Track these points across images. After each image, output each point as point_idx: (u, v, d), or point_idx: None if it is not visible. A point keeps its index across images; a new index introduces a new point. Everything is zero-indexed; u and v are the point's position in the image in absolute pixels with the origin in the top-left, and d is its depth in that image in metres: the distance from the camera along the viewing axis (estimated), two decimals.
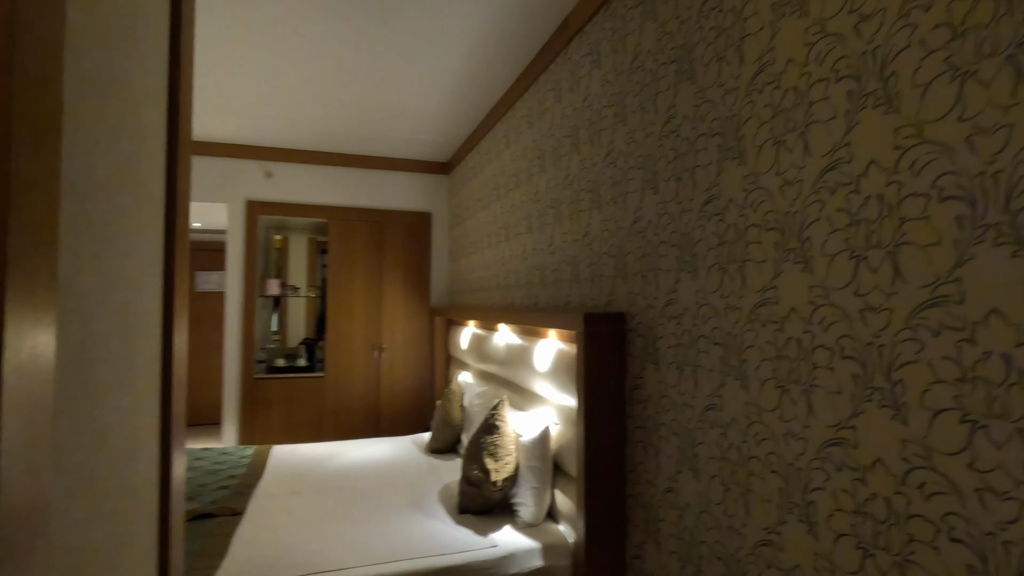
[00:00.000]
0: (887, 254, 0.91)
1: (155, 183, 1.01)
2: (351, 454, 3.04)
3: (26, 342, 0.52)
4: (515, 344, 2.50)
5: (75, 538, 0.70)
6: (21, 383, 0.52)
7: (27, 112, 0.53)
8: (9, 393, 0.50)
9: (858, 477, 0.95)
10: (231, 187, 3.98)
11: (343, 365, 4.13)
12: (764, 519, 1.16)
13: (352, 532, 1.97)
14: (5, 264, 0.50)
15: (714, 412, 1.32)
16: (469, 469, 2.13)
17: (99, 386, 0.76)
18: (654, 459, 1.57)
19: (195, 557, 1.77)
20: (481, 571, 1.78)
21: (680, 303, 1.46)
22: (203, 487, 2.46)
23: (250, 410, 3.92)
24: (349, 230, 4.21)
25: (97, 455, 0.76)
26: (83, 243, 0.69)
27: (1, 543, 0.49)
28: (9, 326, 0.50)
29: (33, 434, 0.54)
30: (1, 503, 0.49)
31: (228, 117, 3.40)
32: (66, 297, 0.65)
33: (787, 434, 1.10)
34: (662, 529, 1.53)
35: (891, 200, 0.91)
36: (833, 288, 1.01)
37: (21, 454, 0.52)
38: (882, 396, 0.91)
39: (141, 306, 0.94)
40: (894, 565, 0.89)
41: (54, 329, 0.57)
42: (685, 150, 1.46)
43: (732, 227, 1.28)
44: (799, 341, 1.08)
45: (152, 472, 1.01)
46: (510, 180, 2.96)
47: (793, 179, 1.10)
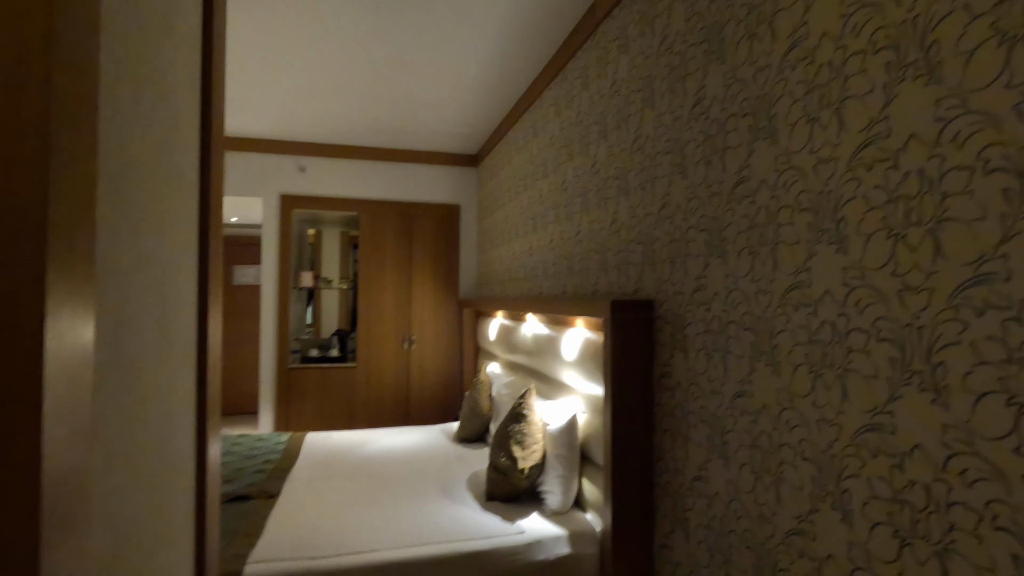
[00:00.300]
0: (927, 231, 0.87)
1: (189, 169, 1.04)
2: (381, 442, 3.09)
3: (66, 310, 0.54)
4: (542, 334, 2.50)
5: (115, 505, 0.73)
6: (62, 349, 0.54)
7: (65, 89, 0.55)
8: (51, 358, 0.52)
9: (895, 464, 0.92)
10: (266, 182, 4.08)
11: (374, 356, 4.20)
12: (796, 507, 1.13)
13: (381, 516, 2.01)
14: (46, 235, 0.52)
15: (744, 399, 1.29)
16: (496, 457, 2.14)
17: (135, 360, 0.79)
18: (682, 447, 1.55)
19: (232, 536, 1.83)
20: (508, 557, 1.79)
21: (709, 288, 1.43)
22: (240, 471, 2.54)
23: (285, 399, 4.03)
24: (380, 223, 4.27)
25: (135, 426, 0.79)
26: (119, 221, 0.72)
27: (45, 503, 0.52)
28: (51, 294, 0.52)
29: (74, 400, 0.56)
30: (44, 464, 0.52)
31: (262, 113, 3.49)
32: (104, 272, 0.68)
33: (820, 420, 1.07)
34: (690, 518, 1.50)
35: (932, 175, 0.87)
36: (869, 268, 0.97)
37: (63, 417, 0.54)
38: (921, 380, 0.88)
39: (176, 287, 0.97)
40: (933, 555, 0.85)
41: (93, 301, 0.60)
42: (715, 132, 1.43)
43: (763, 209, 1.24)
44: (833, 324, 1.05)
45: (188, 447, 1.05)
46: (537, 170, 2.95)
47: (827, 157, 1.07)
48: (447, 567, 1.73)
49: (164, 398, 0.92)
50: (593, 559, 1.86)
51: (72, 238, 0.57)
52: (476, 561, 1.76)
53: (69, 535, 0.56)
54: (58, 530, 0.54)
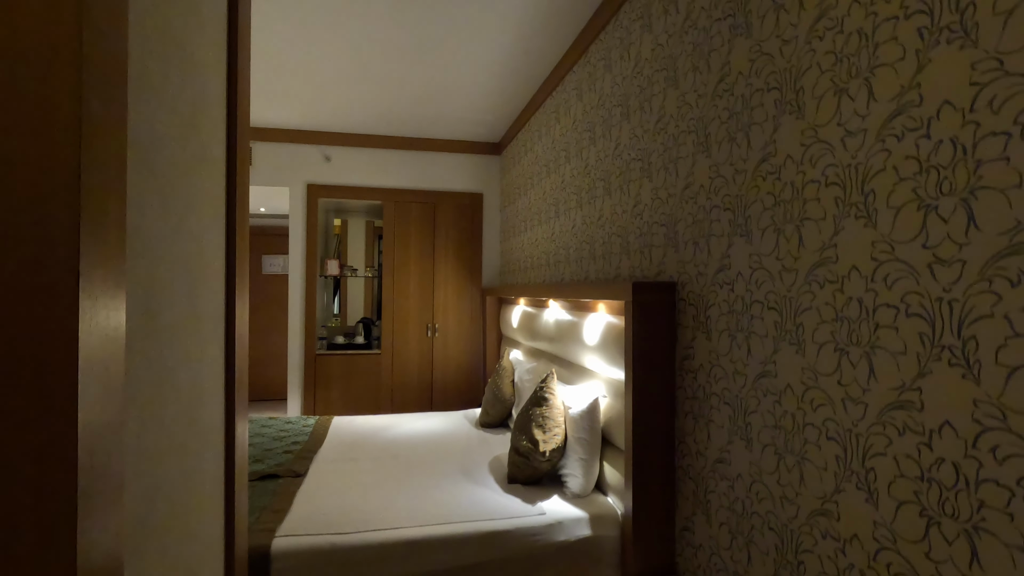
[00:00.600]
0: (960, 201, 0.84)
1: (216, 147, 1.07)
2: (405, 426, 3.14)
3: (98, 272, 0.56)
4: (564, 320, 2.50)
5: (148, 466, 0.76)
6: (95, 309, 0.56)
7: (95, 58, 0.57)
8: (85, 316, 0.54)
9: (923, 441, 0.89)
10: (292, 171, 4.16)
11: (398, 343, 4.26)
12: (820, 488, 1.11)
13: (405, 496, 2.04)
14: (79, 199, 0.54)
15: (768, 379, 1.27)
16: (518, 440, 2.16)
17: (166, 329, 0.82)
18: (704, 430, 1.53)
19: (261, 511, 1.89)
20: (529, 537, 1.80)
21: (733, 268, 1.41)
22: (269, 451, 2.61)
23: (312, 384, 4.12)
24: (403, 212, 4.31)
25: (166, 393, 0.82)
26: (148, 192, 0.75)
27: (81, 453, 0.54)
28: (84, 257, 0.55)
29: (107, 359, 0.58)
30: (81, 416, 0.54)
31: (288, 103, 3.54)
32: (135, 241, 0.70)
33: (846, 399, 1.05)
34: (712, 500, 1.49)
35: (966, 142, 0.84)
36: (899, 242, 0.94)
37: (96, 375, 0.57)
38: (952, 354, 0.85)
39: (205, 261, 1.00)
40: (962, 533, 0.83)
41: (125, 267, 0.62)
42: (739, 109, 1.40)
43: (789, 185, 1.21)
44: (860, 301, 1.02)
45: (218, 419, 1.08)
46: (560, 155, 2.93)
47: (856, 129, 1.04)
48: (468, 545, 1.75)
49: (194, 368, 0.95)
50: (614, 541, 1.86)
51: (104, 203, 0.59)
52: (497, 540, 1.78)
53: (105, 485, 0.58)
54: (94, 480, 0.56)
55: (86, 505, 0.55)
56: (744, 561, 1.35)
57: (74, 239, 0.54)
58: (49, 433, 0.53)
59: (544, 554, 1.81)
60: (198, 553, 1.00)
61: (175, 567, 0.87)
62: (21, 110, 0.53)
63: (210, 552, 1.08)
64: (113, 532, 0.60)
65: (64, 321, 0.53)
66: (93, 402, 0.57)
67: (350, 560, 1.67)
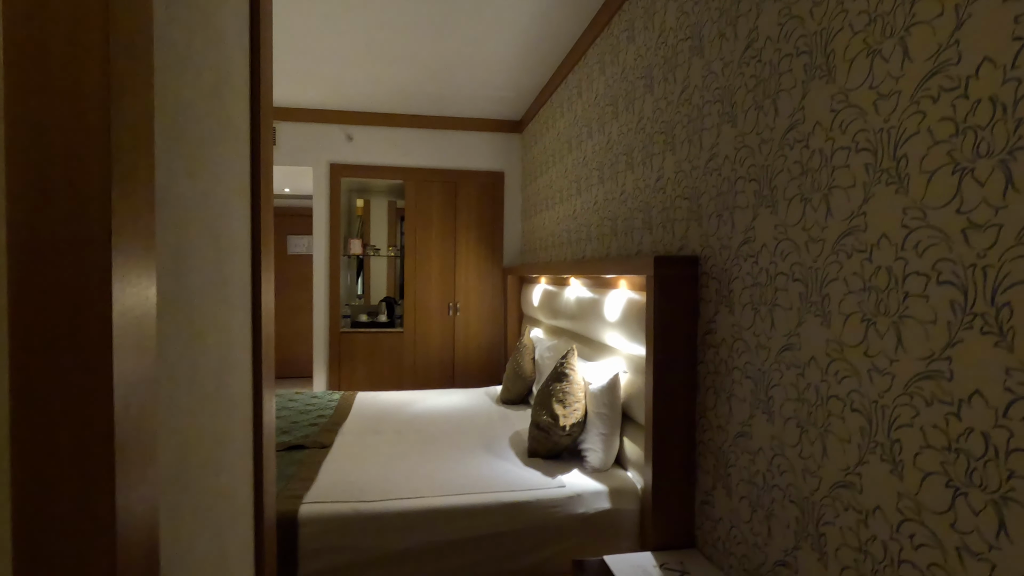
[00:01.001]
0: (999, 162, 0.81)
1: (240, 117, 1.08)
2: (428, 402, 3.19)
3: (128, 227, 0.58)
4: (585, 297, 2.49)
5: (180, 423, 0.79)
6: (127, 265, 0.58)
7: (122, 21, 0.58)
8: (118, 272, 0.56)
9: (952, 412, 0.87)
10: (315, 151, 4.19)
11: (420, 321, 4.31)
12: (843, 460, 1.10)
13: (427, 467, 2.08)
14: (110, 156, 0.56)
15: (791, 352, 1.26)
16: (538, 415, 2.18)
17: (195, 292, 0.84)
18: (725, 404, 1.52)
19: (288, 480, 1.95)
20: (548, 508, 1.83)
21: (757, 240, 1.39)
22: (295, 423, 2.68)
23: (337, 361, 4.20)
24: (425, 190, 4.32)
25: (195, 353, 0.84)
26: (175, 157, 0.76)
27: (118, 405, 0.56)
28: (116, 213, 0.56)
29: (139, 314, 0.60)
30: (116, 367, 0.56)
31: (310, 82, 3.56)
32: (163, 203, 0.72)
33: (872, 370, 1.03)
34: (732, 474, 1.49)
35: (1006, 100, 0.80)
36: (931, 207, 0.91)
37: (129, 331, 0.59)
38: (984, 322, 0.83)
39: (231, 230, 1.02)
40: (990, 503, 0.82)
41: (154, 224, 0.64)
42: (767, 75, 1.36)
43: (817, 152, 1.18)
44: (889, 269, 0.99)
45: (246, 383, 1.12)
46: (582, 131, 2.89)
47: (889, 91, 1.00)
48: (488, 515, 1.79)
49: (222, 334, 0.97)
50: (633, 515, 1.88)
51: (133, 162, 0.60)
52: (517, 511, 1.81)
53: (140, 437, 0.60)
54: (130, 431, 0.59)
55: (123, 456, 0.57)
56: (764, 533, 1.35)
57: (106, 195, 0.55)
58: (87, 384, 0.55)
59: (564, 525, 1.83)
60: (229, 513, 1.04)
61: (207, 524, 0.91)
62: (52, 71, 0.55)
63: (241, 514, 1.12)
64: (150, 482, 0.63)
65: (98, 275, 0.55)
66: (127, 356, 0.59)
67: (374, 526, 1.71)
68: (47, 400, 0.54)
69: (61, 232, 0.54)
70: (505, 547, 1.78)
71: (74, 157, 0.54)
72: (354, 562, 1.69)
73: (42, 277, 0.54)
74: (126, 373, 0.57)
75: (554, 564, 1.81)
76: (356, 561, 1.69)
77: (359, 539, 1.70)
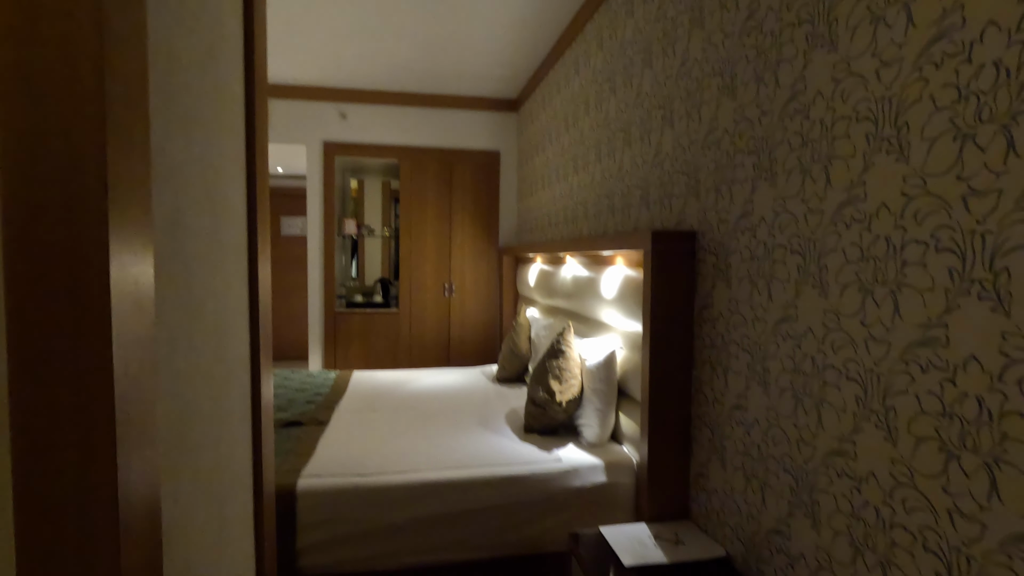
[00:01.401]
0: (1001, 128, 0.81)
1: (235, 83, 1.06)
2: (424, 380, 3.20)
3: (125, 181, 0.57)
4: (582, 275, 2.49)
5: (179, 388, 0.78)
6: (124, 220, 0.57)
7: None
8: (115, 226, 0.55)
9: (947, 377, 0.88)
10: (308, 129, 4.14)
11: (416, 302, 4.30)
12: (837, 429, 1.12)
13: (424, 443, 2.10)
14: (104, 108, 0.54)
15: (788, 324, 1.26)
16: (535, 391, 2.19)
17: (192, 257, 0.83)
18: (721, 378, 1.54)
19: (286, 455, 1.96)
20: (545, 482, 1.85)
21: (756, 214, 1.38)
22: (292, 401, 2.69)
23: (333, 341, 4.20)
24: (420, 169, 4.28)
25: (193, 319, 0.83)
26: (171, 118, 0.75)
27: (117, 362, 0.56)
28: (112, 166, 0.55)
29: (136, 273, 0.59)
30: (115, 328, 0.55)
31: (303, 59, 3.50)
32: (159, 162, 0.70)
33: (868, 339, 1.04)
34: (727, 446, 1.51)
35: (1010, 64, 0.79)
36: (932, 175, 0.91)
37: (127, 289, 0.58)
38: (982, 288, 0.83)
39: (227, 196, 1.01)
40: (982, 466, 0.83)
41: (150, 181, 0.63)
42: (767, 46, 1.34)
43: (818, 123, 1.18)
44: (888, 239, 1.00)
45: (243, 353, 1.11)
46: (579, 108, 2.87)
47: (892, 59, 0.99)
48: (486, 489, 1.80)
49: (220, 301, 0.97)
50: (628, 488, 1.90)
51: (128, 117, 0.59)
52: (513, 484, 1.82)
53: (140, 396, 0.60)
54: (131, 383, 0.58)
55: (124, 415, 0.57)
56: (758, 503, 1.37)
57: (101, 148, 0.54)
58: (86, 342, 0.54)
59: (560, 499, 1.85)
60: (229, 482, 1.04)
61: (207, 492, 0.91)
62: (42, 20, 0.53)
63: (241, 484, 1.12)
64: (150, 442, 0.63)
65: (95, 231, 0.54)
66: (125, 314, 0.58)
67: (372, 500, 1.73)
68: (46, 358, 0.53)
69: (56, 187, 0.53)
70: (502, 520, 1.81)
71: (67, 108, 0.53)
72: (352, 534, 1.71)
73: (38, 233, 0.53)
74: (124, 332, 0.56)
75: (551, 536, 1.84)
76: (354, 533, 1.71)
77: (357, 512, 1.71)
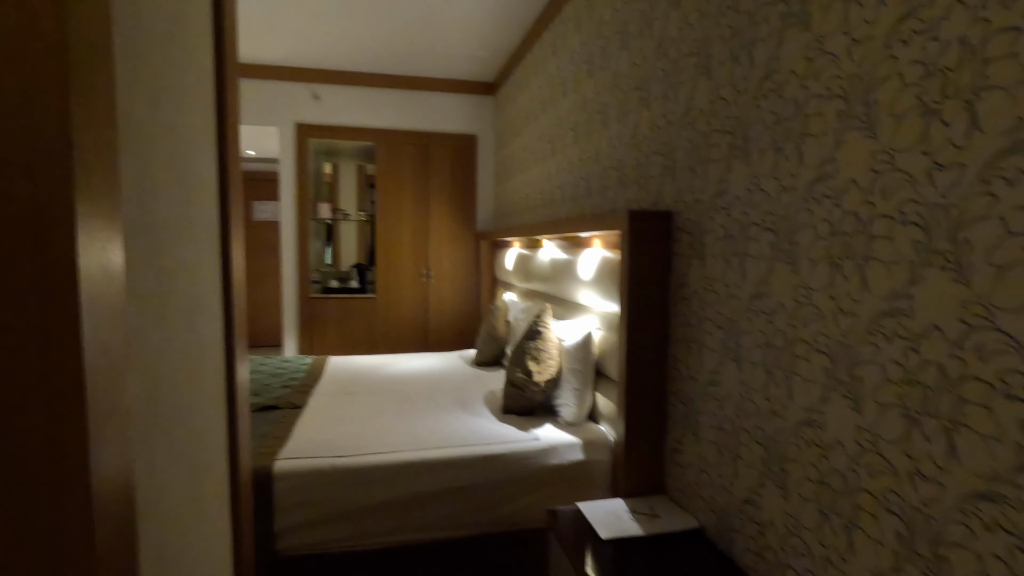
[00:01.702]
0: (964, 104, 0.83)
1: (204, 54, 1.03)
2: (401, 364, 3.18)
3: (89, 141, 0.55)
4: (559, 258, 2.50)
5: (151, 360, 0.77)
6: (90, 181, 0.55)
7: None
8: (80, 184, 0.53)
9: (911, 346, 0.92)
10: (281, 110, 4.04)
11: (393, 287, 4.27)
12: (806, 400, 1.15)
13: (403, 425, 2.09)
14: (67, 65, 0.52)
15: (761, 299, 1.29)
16: (513, 372, 2.20)
17: (162, 228, 0.81)
18: (696, 354, 1.57)
19: (262, 438, 1.94)
20: (523, 460, 1.87)
21: (731, 192, 1.41)
22: (266, 386, 2.65)
23: (308, 327, 4.14)
24: (396, 153, 4.23)
25: (164, 292, 0.81)
26: (136, 81, 0.72)
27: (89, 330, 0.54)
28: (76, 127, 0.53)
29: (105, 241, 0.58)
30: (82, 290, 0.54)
31: (275, 38, 3.40)
32: (126, 128, 0.68)
33: (837, 311, 1.07)
34: (701, 421, 1.54)
35: (974, 41, 0.82)
36: (899, 150, 0.94)
37: (96, 256, 0.56)
38: (944, 259, 0.86)
39: (197, 164, 0.98)
40: (941, 430, 0.87)
41: (116, 142, 0.61)
42: (744, 25, 1.36)
43: (791, 102, 1.20)
44: (856, 214, 1.02)
45: (217, 331, 1.09)
46: (556, 91, 2.86)
47: (863, 36, 1.01)
48: (464, 468, 1.81)
49: (191, 275, 0.94)
50: (605, 465, 1.93)
51: (91, 76, 0.57)
52: (492, 463, 1.84)
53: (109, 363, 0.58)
54: (99, 356, 0.57)
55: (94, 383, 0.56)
56: (730, 475, 1.41)
57: (64, 106, 0.52)
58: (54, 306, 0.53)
59: (538, 476, 1.88)
60: (204, 459, 1.02)
61: (182, 466, 0.90)
62: None
63: (216, 462, 1.10)
64: (121, 413, 0.61)
65: (58, 191, 0.52)
66: (94, 280, 0.56)
67: (350, 480, 1.72)
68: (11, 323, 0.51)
69: (15, 145, 0.51)
70: (481, 498, 1.82)
71: (27, 63, 0.51)
72: (331, 515, 1.70)
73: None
74: (93, 297, 0.55)
75: (530, 513, 1.86)
76: (333, 514, 1.70)
77: (336, 492, 1.71)
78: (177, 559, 0.85)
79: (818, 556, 1.12)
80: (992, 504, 0.79)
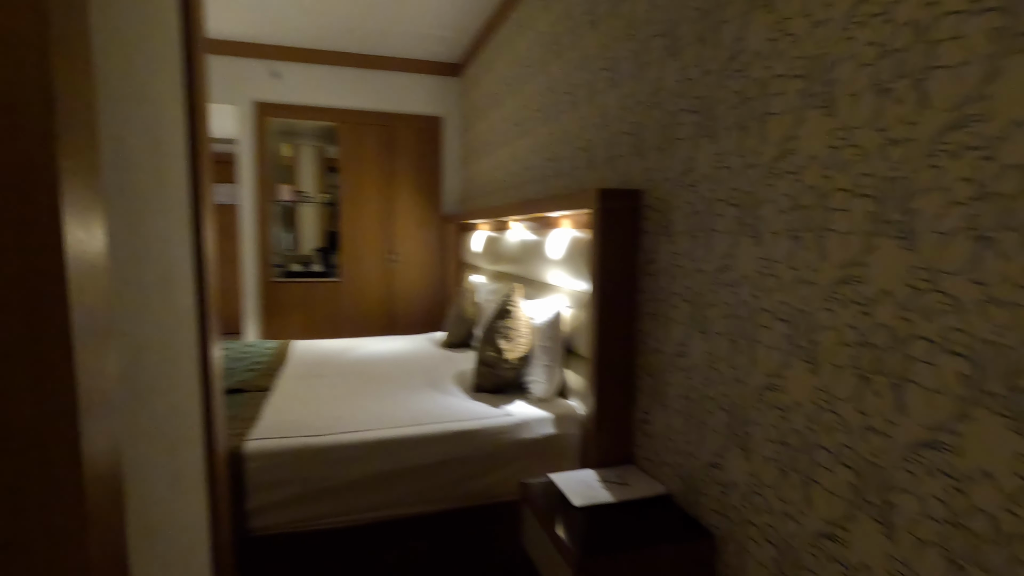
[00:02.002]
0: (915, 82, 0.89)
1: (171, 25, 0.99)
2: (369, 347, 3.16)
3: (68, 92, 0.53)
4: (529, 240, 2.53)
5: (130, 327, 0.75)
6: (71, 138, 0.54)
7: None
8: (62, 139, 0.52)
9: (864, 311, 0.99)
10: (239, 88, 3.90)
11: (358, 270, 4.21)
12: (767, 366, 1.22)
13: (374, 404, 2.09)
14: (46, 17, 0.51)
15: (726, 273, 1.35)
16: (484, 351, 2.22)
17: (138, 196, 0.79)
18: (664, 328, 1.63)
19: (231, 420, 1.90)
20: (495, 435, 1.90)
21: (698, 170, 1.46)
22: (231, 370, 2.59)
23: (269, 312, 4.06)
24: (359, 135, 4.15)
25: (140, 258, 0.80)
26: (111, 43, 0.70)
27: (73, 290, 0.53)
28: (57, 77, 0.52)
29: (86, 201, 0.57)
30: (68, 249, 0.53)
31: (232, 11, 3.27)
32: (103, 88, 0.66)
33: (797, 281, 1.13)
34: (669, 391, 1.61)
35: (924, 21, 0.88)
36: (855, 127, 1.00)
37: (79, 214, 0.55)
38: (895, 228, 0.93)
39: (169, 138, 0.95)
40: (890, 386, 0.94)
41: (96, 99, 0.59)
42: (711, 7, 1.40)
43: (755, 82, 1.25)
44: (816, 188, 1.09)
45: (190, 302, 1.07)
46: (524, 72, 2.86)
47: (824, 18, 1.06)
48: (437, 444, 1.84)
49: (165, 245, 0.93)
50: (575, 438, 1.99)
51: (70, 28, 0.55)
52: (464, 439, 1.87)
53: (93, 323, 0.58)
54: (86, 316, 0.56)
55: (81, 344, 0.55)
56: (696, 441, 1.48)
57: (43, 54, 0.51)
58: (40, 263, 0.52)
59: (510, 451, 1.91)
60: (182, 433, 1.01)
61: (161, 439, 0.89)
62: None
63: (193, 438, 1.09)
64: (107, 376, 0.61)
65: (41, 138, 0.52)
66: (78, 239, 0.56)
67: (323, 459, 1.72)
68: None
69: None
70: (454, 473, 1.85)
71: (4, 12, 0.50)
72: (304, 494, 1.70)
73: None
74: (78, 255, 0.54)
75: (503, 487, 1.90)
76: (306, 493, 1.70)
77: (308, 471, 1.70)
78: (159, 530, 0.85)
79: (777, 511, 1.20)
80: (934, 451, 0.87)
